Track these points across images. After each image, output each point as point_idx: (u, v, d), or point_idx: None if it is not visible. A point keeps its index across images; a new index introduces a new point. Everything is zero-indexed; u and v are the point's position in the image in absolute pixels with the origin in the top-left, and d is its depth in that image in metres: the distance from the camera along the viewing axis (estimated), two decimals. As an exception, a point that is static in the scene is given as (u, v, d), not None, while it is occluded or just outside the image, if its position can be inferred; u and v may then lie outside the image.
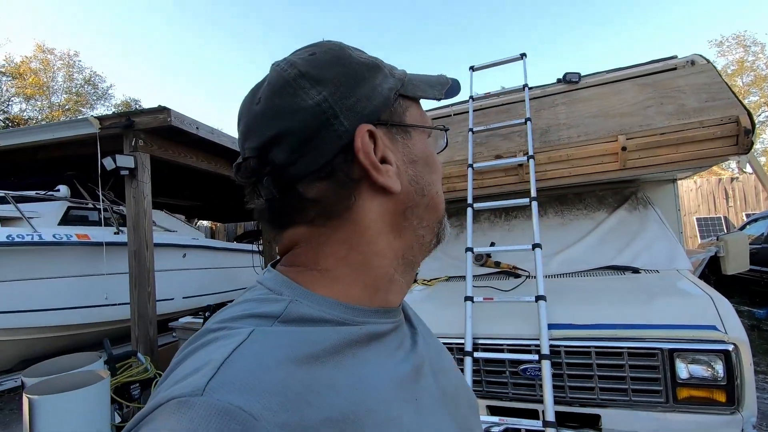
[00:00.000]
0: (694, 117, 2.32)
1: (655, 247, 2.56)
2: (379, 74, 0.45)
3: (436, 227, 0.50)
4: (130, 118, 3.61)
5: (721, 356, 1.78)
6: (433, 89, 0.50)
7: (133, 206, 3.66)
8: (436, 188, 0.49)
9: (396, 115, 0.45)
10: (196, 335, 0.38)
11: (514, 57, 3.11)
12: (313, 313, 0.39)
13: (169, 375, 0.34)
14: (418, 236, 0.47)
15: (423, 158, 0.47)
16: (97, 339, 4.65)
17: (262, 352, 0.33)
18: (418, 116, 0.49)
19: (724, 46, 19.66)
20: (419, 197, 0.46)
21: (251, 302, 0.41)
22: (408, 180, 0.45)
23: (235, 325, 0.36)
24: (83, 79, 19.55)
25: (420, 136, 0.48)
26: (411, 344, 0.48)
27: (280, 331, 0.36)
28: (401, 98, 0.46)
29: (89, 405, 2.20)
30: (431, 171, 0.49)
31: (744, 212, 10.78)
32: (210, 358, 0.32)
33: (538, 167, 2.59)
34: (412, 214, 0.46)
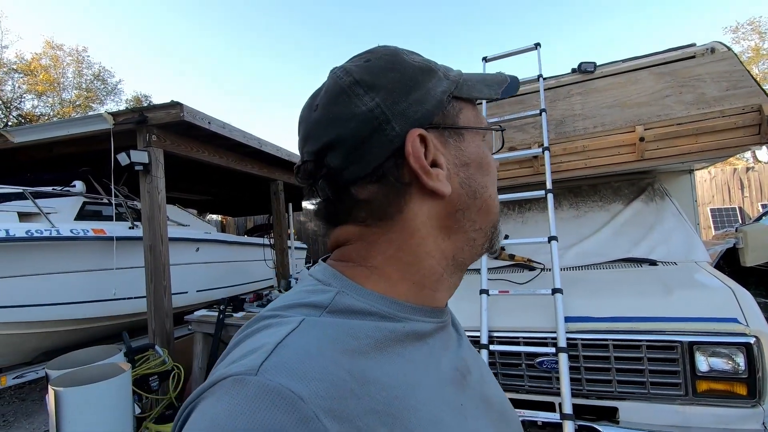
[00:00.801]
0: (715, 106, 2.28)
1: (672, 239, 2.53)
2: (433, 78, 0.45)
3: (490, 231, 0.49)
4: (144, 114, 3.63)
5: (742, 349, 1.76)
6: (489, 89, 0.49)
7: (147, 201, 3.70)
8: (490, 191, 0.48)
9: (449, 118, 0.45)
10: (251, 321, 0.41)
11: (528, 47, 3.06)
12: (359, 305, 0.41)
13: (227, 356, 0.37)
14: (470, 239, 0.47)
15: (476, 160, 0.47)
16: (112, 332, 4.75)
17: (310, 340, 0.35)
18: (473, 118, 0.48)
19: (739, 32, 19.15)
20: (471, 200, 0.46)
21: (302, 292, 0.43)
22: (459, 182, 0.45)
23: (287, 314, 0.39)
24: (92, 75, 19.70)
25: (473, 138, 0.48)
26: (456, 347, 0.48)
27: (328, 322, 0.38)
28: (455, 100, 0.46)
29: (113, 396, 2.26)
30: (484, 173, 0.48)
31: (760, 203, 10.58)
32: (264, 342, 0.35)
33: (553, 159, 2.56)
34: (464, 217, 0.46)
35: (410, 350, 0.41)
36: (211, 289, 6.09)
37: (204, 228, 6.47)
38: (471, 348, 0.54)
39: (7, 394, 4.52)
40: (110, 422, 2.22)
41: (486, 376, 0.52)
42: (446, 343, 0.47)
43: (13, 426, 3.74)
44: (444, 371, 0.43)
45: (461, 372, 0.45)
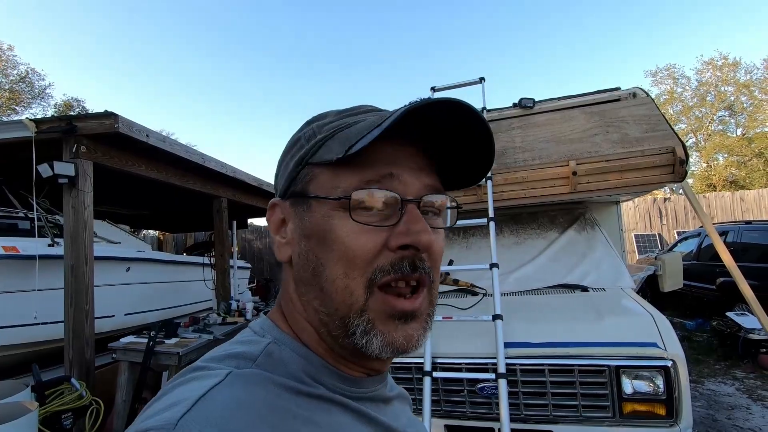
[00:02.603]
0: (637, 146, 2.51)
1: (601, 267, 2.71)
2: (294, 148, 0.47)
3: (338, 321, 0.40)
4: (72, 123, 3.35)
5: (661, 372, 1.90)
6: (340, 146, 0.41)
7: (71, 218, 3.38)
8: (330, 272, 0.40)
9: (297, 186, 0.45)
10: (181, 372, 0.40)
11: (473, 80, 3.22)
12: (287, 358, 0.41)
13: (148, 409, 0.36)
14: (323, 321, 0.42)
15: (317, 234, 0.41)
16: (25, 361, 4.23)
17: (234, 393, 0.35)
18: (328, 184, 0.42)
19: (657, 76, 21.53)
20: (308, 275, 0.42)
21: (236, 343, 0.44)
22: (298, 253, 0.44)
23: (215, 366, 0.39)
24: (18, 76, 18.08)
25: (321, 208, 0.41)
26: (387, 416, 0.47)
27: (256, 374, 0.38)
28: (309, 166, 0.44)
29: (12, 441, 1.98)
30: (326, 250, 0.40)
31: (675, 230, 11.72)
32: (187, 395, 0.34)
33: (495, 188, 2.68)
34: (308, 292, 0.43)
35: (337, 409, 0.41)
36: (143, 312, 5.64)
37: (137, 245, 6.03)
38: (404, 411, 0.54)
39: None
40: (8, 471, 1.93)
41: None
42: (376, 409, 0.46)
43: None
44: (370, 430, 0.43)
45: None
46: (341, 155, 0.39)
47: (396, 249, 0.40)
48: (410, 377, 2.19)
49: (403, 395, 0.58)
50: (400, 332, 0.40)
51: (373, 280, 0.39)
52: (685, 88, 21.14)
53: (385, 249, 0.40)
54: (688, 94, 21.01)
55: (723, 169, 19.88)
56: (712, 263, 6.41)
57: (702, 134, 21.01)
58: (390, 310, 0.40)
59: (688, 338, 5.92)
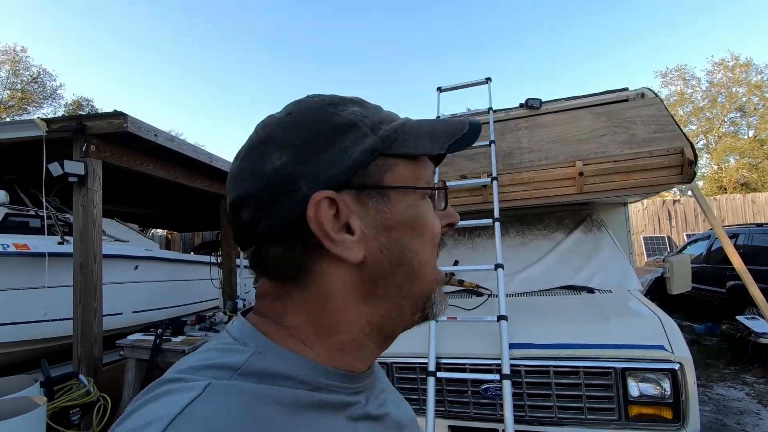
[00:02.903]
0: (644, 147, 2.48)
1: (608, 268, 2.69)
2: (352, 135, 0.42)
3: (421, 301, 0.45)
4: (82, 122, 3.40)
5: (668, 374, 1.87)
6: (433, 143, 0.45)
7: (81, 216, 3.43)
8: (421, 256, 0.44)
9: (371, 177, 0.42)
10: (153, 385, 0.37)
11: (479, 81, 3.21)
12: (274, 368, 0.38)
13: (116, 428, 0.33)
14: (397, 306, 0.44)
15: (404, 222, 0.43)
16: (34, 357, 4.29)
17: (215, 409, 0.32)
18: (409, 175, 0.44)
19: (667, 77, 21.32)
20: (394, 266, 0.42)
21: (213, 351, 0.40)
22: (378, 247, 0.42)
23: (192, 377, 0.35)
24: (30, 77, 18.37)
25: (404, 198, 0.43)
26: (376, 413, 0.46)
27: (238, 386, 0.35)
28: (383, 157, 0.43)
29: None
30: (416, 236, 0.43)
31: (685, 232, 11.59)
32: (161, 413, 0.31)
33: (501, 188, 2.67)
34: (387, 283, 0.43)
35: (326, 419, 0.39)
36: (150, 309, 5.70)
37: (145, 244, 6.10)
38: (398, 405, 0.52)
39: None
40: (17, 465, 1.96)
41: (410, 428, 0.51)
42: (366, 407, 0.44)
43: None
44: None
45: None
46: (442, 150, 0.45)
47: (443, 228, 0.48)
48: (414, 377, 2.19)
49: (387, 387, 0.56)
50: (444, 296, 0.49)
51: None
52: (695, 89, 20.92)
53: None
54: (699, 95, 20.78)
55: (734, 171, 19.62)
56: (722, 266, 6.33)
57: (713, 136, 20.76)
58: (442, 279, 0.48)
59: (697, 342, 5.84)
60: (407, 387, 2.20)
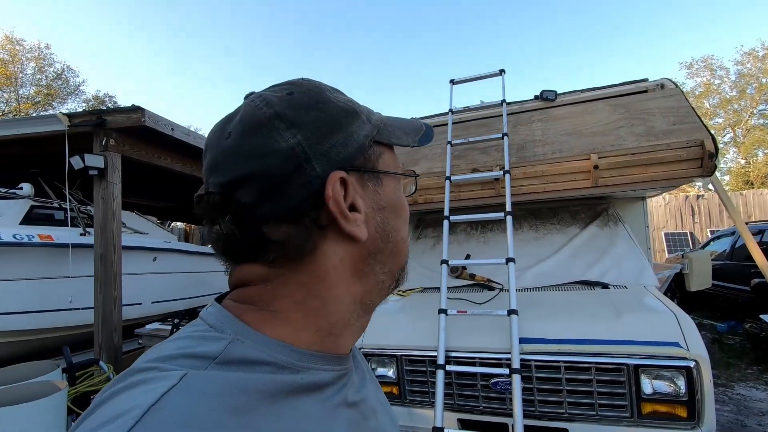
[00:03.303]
0: (663, 139, 2.41)
1: (623, 264, 2.63)
2: (357, 120, 0.44)
3: (398, 273, 0.50)
4: (102, 117, 3.49)
5: (683, 372, 1.83)
6: (407, 136, 0.51)
7: (101, 208, 3.53)
8: (402, 234, 0.49)
9: (369, 162, 0.45)
10: (126, 372, 0.35)
11: (493, 72, 3.17)
12: (254, 355, 0.37)
13: (85, 420, 0.31)
14: (379, 281, 0.47)
15: (392, 205, 0.48)
16: (58, 344, 4.45)
17: (192, 400, 0.30)
18: (391, 162, 0.49)
19: (693, 68, 20.60)
20: (384, 244, 0.46)
21: (188, 339, 0.38)
22: (375, 226, 0.45)
23: (167, 366, 0.33)
24: (54, 73, 18.89)
25: (391, 182, 0.48)
26: (355, 393, 0.46)
27: (216, 375, 0.33)
28: (376, 144, 0.47)
29: (43, 418, 2.09)
30: (398, 217, 0.49)
31: (709, 228, 11.25)
32: (133, 404, 0.29)
33: (513, 182, 2.63)
34: (375, 260, 0.46)
35: (306, 402, 0.38)
36: (168, 300, 5.84)
37: (163, 236, 6.23)
38: (375, 392, 0.53)
39: (-70, 412, 4.13)
40: (40, 446, 2.05)
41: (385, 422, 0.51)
42: (345, 391, 0.44)
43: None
44: (341, 421, 0.41)
45: (356, 421, 0.44)
46: (415, 144, 0.52)
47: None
48: (423, 370, 2.19)
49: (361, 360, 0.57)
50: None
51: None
52: (723, 80, 20.15)
53: None
54: (727, 86, 20.01)
55: (763, 165, 18.89)
56: (746, 263, 6.12)
57: (741, 129, 20.01)
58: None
59: (718, 341, 5.69)
60: (416, 380, 2.21)
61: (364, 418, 0.45)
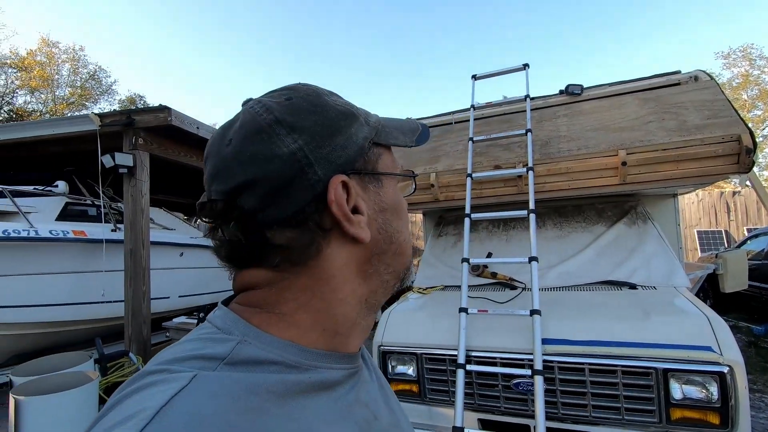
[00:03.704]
0: (696, 134, 2.31)
1: (653, 263, 2.54)
2: (355, 123, 0.45)
3: (402, 273, 0.50)
4: (131, 117, 3.60)
5: (716, 378, 1.76)
6: (405, 136, 0.52)
7: (130, 205, 3.65)
8: (404, 235, 0.50)
9: (369, 164, 0.46)
10: (134, 377, 0.35)
11: (516, 67, 3.10)
12: (262, 355, 0.37)
13: (98, 421, 0.31)
14: (384, 281, 0.48)
15: (392, 206, 0.48)
16: (90, 336, 4.65)
17: (202, 400, 0.31)
18: (390, 163, 0.49)
19: (730, 58, 19.59)
20: (387, 245, 0.47)
21: (197, 341, 0.38)
22: (377, 228, 0.46)
23: (177, 368, 0.34)
24: (88, 74, 19.63)
25: (390, 184, 0.49)
26: (366, 392, 0.46)
27: (225, 376, 0.34)
28: (375, 146, 0.47)
29: (76, 406, 2.19)
30: (399, 218, 0.49)
31: (745, 226, 10.74)
32: (144, 405, 0.30)
33: (537, 179, 2.57)
34: (379, 261, 0.46)
35: (317, 401, 0.38)
36: (195, 294, 6.00)
37: (190, 232, 6.39)
38: (382, 391, 0.53)
39: (-25, 397, 4.38)
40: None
41: (398, 418, 0.51)
42: (356, 390, 0.44)
43: (-22, 431, 3.62)
44: (351, 421, 0.41)
45: (367, 420, 0.43)
46: (413, 144, 0.52)
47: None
48: (444, 369, 2.18)
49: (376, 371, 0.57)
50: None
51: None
52: (762, 71, 19.11)
53: None
54: (767, 77, 18.97)
55: (806, 160, 17.88)
56: (786, 263, 5.83)
57: (781, 121, 18.97)
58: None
59: (754, 344, 5.43)
60: (436, 378, 2.20)
61: (375, 418, 0.45)
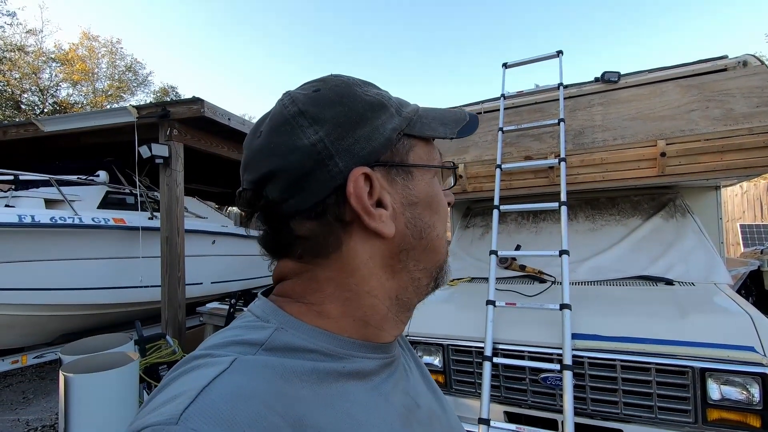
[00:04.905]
0: (743, 123, 2.18)
1: (691, 259, 2.43)
2: (383, 114, 0.44)
3: (435, 271, 0.48)
4: (166, 108, 3.72)
5: (758, 379, 1.68)
6: (444, 127, 0.49)
7: (166, 194, 3.79)
8: (437, 231, 0.47)
9: (398, 156, 0.44)
10: (183, 360, 0.38)
11: (550, 54, 3.00)
12: (298, 342, 0.39)
13: (150, 401, 0.34)
14: (414, 279, 0.46)
15: (425, 199, 0.46)
16: (129, 319, 4.90)
17: (242, 382, 0.33)
18: (425, 155, 0.47)
19: (782, 41, 18.32)
20: (416, 240, 0.45)
21: (238, 329, 0.41)
22: (405, 222, 0.44)
23: (219, 353, 0.36)
24: (125, 66, 20.33)
25: (423, 176, 0.46)
26: (405, 381, 0.47)
27: (263, 361, 0.36)
28: (406, 137, 0.45)
29: (119, 384, 2.32)
30: (433, 212, 0.47)
31: (794, 221, 10.12)
32: (189, 386, 0.32)
33: (569, 170, 2.50)
34: (408, 257, 0.45)
35: (353, 389, 0.39)
36: (226, 281, 6.20)
37: (221, 221, 6.59)
38: (425, 379, 0.53)
39: (28, 372, 4.71)
40: (117, 409, 2.29)
41: (438, 409, 0.51)
42: (394, 379, 0.45)
43: (32, 403, 3.90)
44: (391, 409, 0.41)
45: (408, 408, 0.44)
46: (454, 136, 0.49)
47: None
48: (470, 360, 2.18)
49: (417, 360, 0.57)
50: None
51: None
52: (819, 54, 17.77)
53: None
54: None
55: None
56: (839, 261, 5.46)
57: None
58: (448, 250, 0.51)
59: (801, 345, 5.14)
60: (463, 370, 2.20)
61: (417, 406, 0.45)
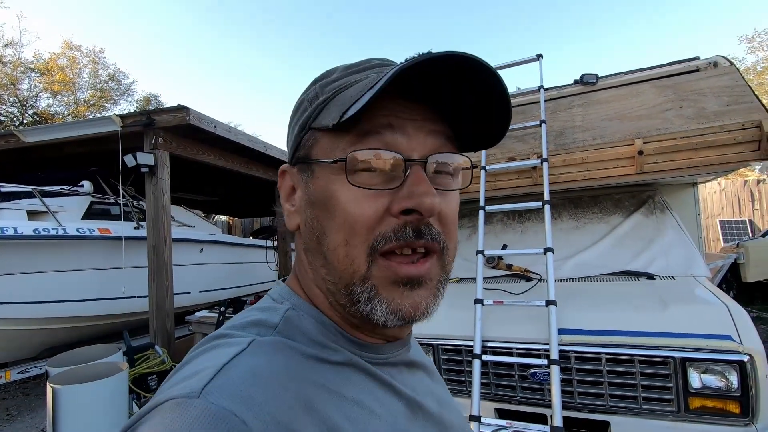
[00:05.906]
0: (715, 121, 2.27)
1: (671, 253, 2.51)
2: (299, 112, 0.45)
3: (343, 291, 0.40)
4: (151, 117, 3.70)
5: (735, 367, 1.75)
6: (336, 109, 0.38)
7: (152, 202, 3.76)
8: (330, 240, 0.39)
9: (302, 151, 0.43)
10: (204, 339, 0.41)
11: (530, 58, 3.07)
12: (305, 325, 0.42)
13: (173, 376, 0.36)
14: (330, 290, 0.42)
15: (320, 200, 0.40)
16: (118, 329, 4.82)
17: (259, 361, 0.35)
18: (328, 148, 0.40)
19: (755, 41, 18.88)
20: (315, 243, 0.41)
21: (256, 311, 0.44)
22: (303, 221, 0.43)
23: (238, 333, 0.39)
24: (107, 76, 20.06)
25: (323, 173, 0.40)
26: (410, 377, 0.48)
27: (279, 342, 0.38)
28: (312, 131, 0.42)
29: (109, 395, 2.30)
30: (328, 216, 0.39)
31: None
32: (210, 363, 0.34)
33: (552, 170, 2.57)
34: (313, 258, 0.43)
35: (358, 379, 0.41)
36: (214, 290, 6.14)
37: (209, 229, 6.53)
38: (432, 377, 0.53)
39: (11, 389, 4.59)
40: (106, 420, 2.26)
41: (451, 405, 0.52)
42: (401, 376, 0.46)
43: (16, 420, 3.80)
44: (397, 400, 0.43)
45: (413, 403, 0.45)
46: (336, 122, 0.37)
47: (398, 214, 0.37)
48: (460, 359, 2.21)
49: (426, 364, 0.54)
50: (406, 299, 0.38)
51: (375, 247, 0.37)
52: (790, 54, 18.35)
53: (387, 215, 0.38)
54: (795, 61, 18.22)
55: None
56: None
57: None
58: (393, 275, 0.38)
59: (780, 335, 5.31)
60: (453, 369, 2.23)
61: (420, 407, 0.46)
